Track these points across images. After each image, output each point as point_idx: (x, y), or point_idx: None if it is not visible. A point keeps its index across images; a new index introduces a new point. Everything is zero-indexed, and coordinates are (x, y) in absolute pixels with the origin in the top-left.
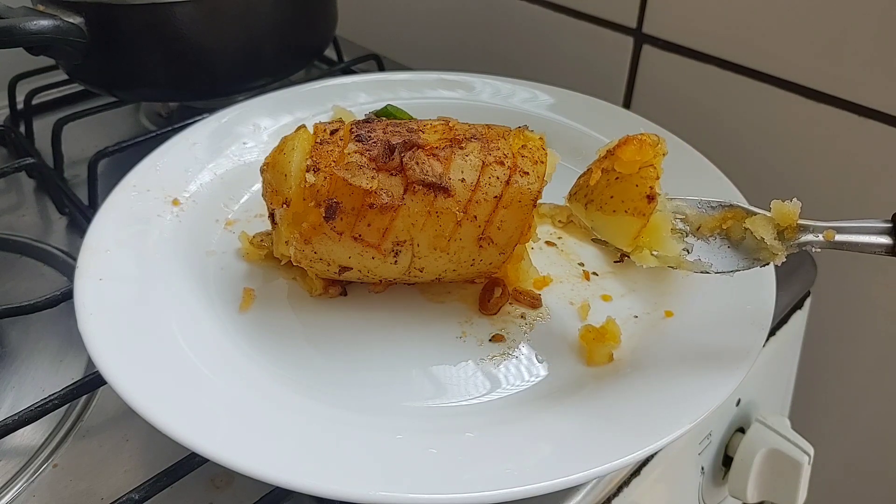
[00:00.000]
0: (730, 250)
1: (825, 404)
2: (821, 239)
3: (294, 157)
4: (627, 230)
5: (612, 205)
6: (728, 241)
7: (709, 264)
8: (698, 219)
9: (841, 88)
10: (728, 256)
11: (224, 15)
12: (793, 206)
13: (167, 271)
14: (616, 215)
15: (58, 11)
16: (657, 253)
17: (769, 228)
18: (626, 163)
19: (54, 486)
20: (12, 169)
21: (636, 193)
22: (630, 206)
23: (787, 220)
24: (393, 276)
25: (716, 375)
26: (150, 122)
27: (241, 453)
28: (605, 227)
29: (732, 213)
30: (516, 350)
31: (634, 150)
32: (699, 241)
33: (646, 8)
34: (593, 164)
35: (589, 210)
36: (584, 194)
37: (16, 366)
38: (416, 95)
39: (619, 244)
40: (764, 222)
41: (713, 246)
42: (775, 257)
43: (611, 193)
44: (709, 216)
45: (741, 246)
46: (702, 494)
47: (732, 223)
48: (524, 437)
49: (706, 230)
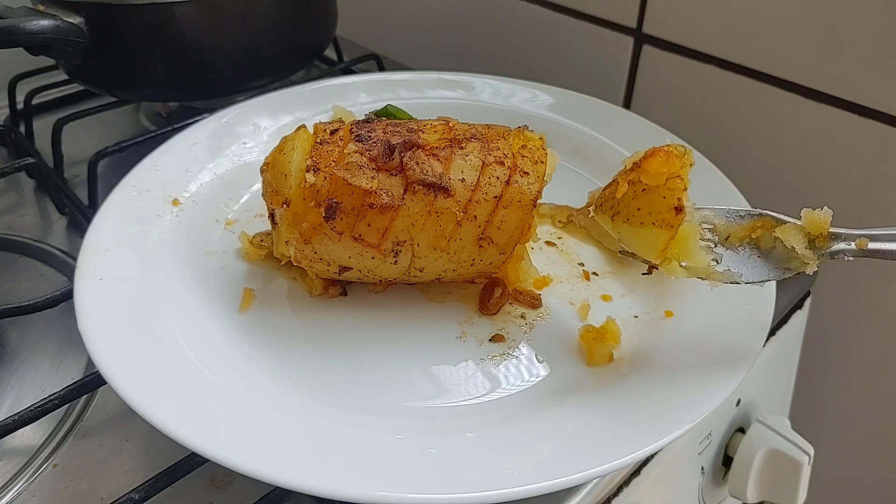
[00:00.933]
0: (759, 260)
1: (825, 404)
2: (853, 247)
3: (294, 157)
4: (655, 242)
5: (639, 217)
6: (758, 251)
7: (738, 274)
8: (727, 229)
9: (841, 88)
10: (758, 266)
11: (224, 15)
12: (824, 214)
13: (167, 271)
14: (644, 227)
15: (58, 11)
16: (686, 264)
17: (800, 237)
18: (652, 175)
19: (54, 486)
20: (12, 169)
21: (664, 205)
22: (658, 218)
23: (819, 229)
24: (393, 276)
25: (716, 375)
26: (150, 122)
27: (241, 453)
28: (632, 240)
29: (762, 223)
30: (516, 350)
31: (661, 161)
32: (728, 251)
33: (646, 8)
34: (619, 176)
35: (616, 222)
36: (610, 206)
37: (16, 366)
38: (416, 95)
39: (647, 256)
40: (794, 231)
41: (742, 256)
42: (807, 266)
43: (638, 205)
44: (738, 225)
45: (771, 255)
46: (702, 494)
47: (762, 232)
48: (524, 437)
49: (735, 240)
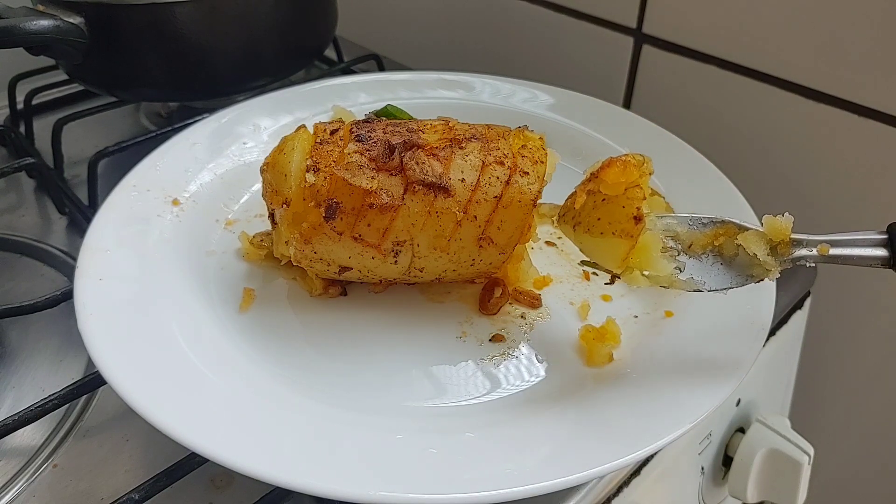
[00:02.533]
0: (723, 267)
1: (825, 404)
2: (815, 253)
3: (294, 157)
4: (616, 252)
5: (599, 227)
6: (721, 258)
7: (702, 282)
8: (689, 236)
9: (841, 88)
10: (721, 273)
11: (224, 15)
12: (785, 220)
13: (167, 271)
14: (604, 237)
15: (58, 11)
16: (648, 273)
17: (761, 244)
18: (611, 185)
19: (54, 486)
20: (12, 169)
21: (623, 215)
22: (617, 227)
23: (780, 235)
24: (393, 276)
25: (716, 375)
26: (150, 122)
27: (241, 453)
28: (593, 250)
29: (724, 230)
30: (516, 350)
31: (619, 171)
32: (691, 258)
33: (646, 8)
34: (578, 187)
35: (577, 232)
36: (571, 216)
37: (16, 366)
38: (416, 95)
39: (608, 266)
40: (756, 238)
41: (706, 263)
42: (769, 273)
43: (598, 215)
44: (700, 233)
45: (734, 262)
46: (702, 494)
47: (724, 239)
48: (524, 437)
49: (698, 247)
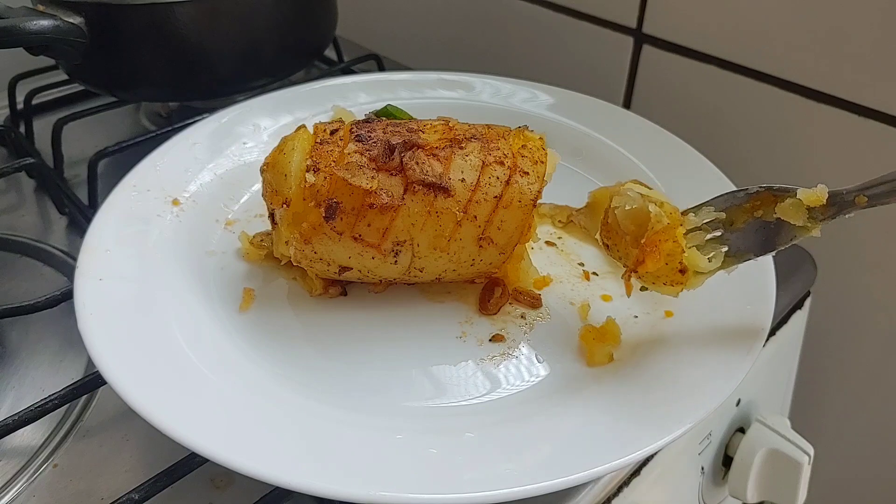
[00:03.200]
0: (765, 231)
1: (825, 404)
2: (852, 200)
3: (294, 157)
4: (671, 292)
5: (647, 279)
6: (762, 223)
7: (749, 253)
8: (730, 215)
9: (841, 88)
10: (766, 238)
11: (224, 15)
12: (819, 191)
13: (167, 271)
14: (656, 286)
15: (58, 11)
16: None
17: (800, 212)
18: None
19: (54, 486)
20: (12, 169)
21: (668, 270)
22: (667, 279)
23: (816, 202)
24: (393, 276)
25: (716, 375)
26: (150, 122)
27: (241, 453)
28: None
29: (761, 199)
30: (516, 350)
31: (655, 261)
32: (735, 233)
33: (646, 8)
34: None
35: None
36: (618, 256)
37: (16, 366)
38: (416, 95)
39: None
40: (794, 209)
41: (749, 231)
42: (812, 231)
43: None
44: (738, 208)
45: (776, 225)
46: (702, 494)
47: (764, 209)
48: (524, 437)
49: (739, 223)
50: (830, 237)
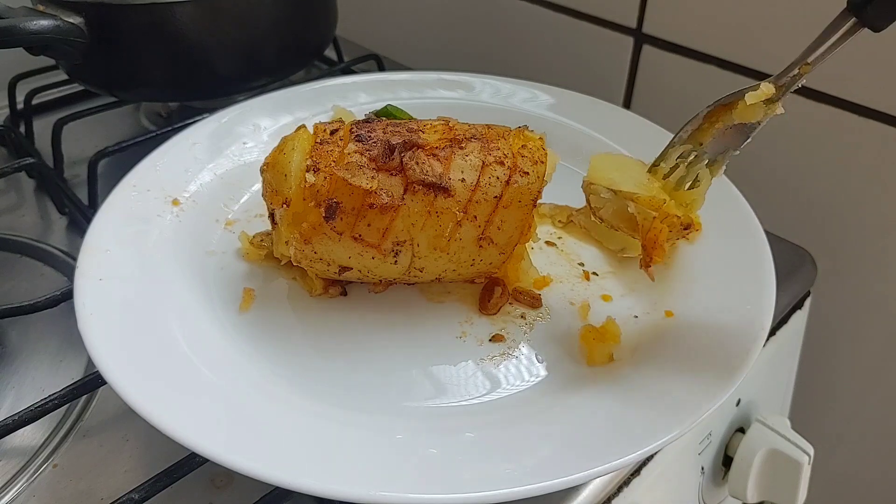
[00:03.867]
0: (732, 129)
1: (825, 404)
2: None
3: (294, 157)
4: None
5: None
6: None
7: (730, 150)
8: (696, 139)
9: (841, 88)
10: (736, 133)
11: (224, 15)
12: (765, 88)
13: (167, 271)
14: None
15: (58, 11)
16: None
17: (756, 110)
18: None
19: (54, 486)
20: (12, 169)
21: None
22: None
23: (766, 96)
24: (393, 276)
25: (716, 375)
26: (150, 122)
27: (241, 453)
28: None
29: (716, 115)
30: (516, 350)
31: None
32: (708, 146)
33: (646, 8)
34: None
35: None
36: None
37: (16, 366)
38: (416, 95)
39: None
40: (749, 110)
41: (718, 137)
42: (774, 110)
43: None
44: (699, 131)
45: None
46: (702, 494)
47: (722, 120)
48: (524, 437)
49: (707, 139)
50: (830, 237)
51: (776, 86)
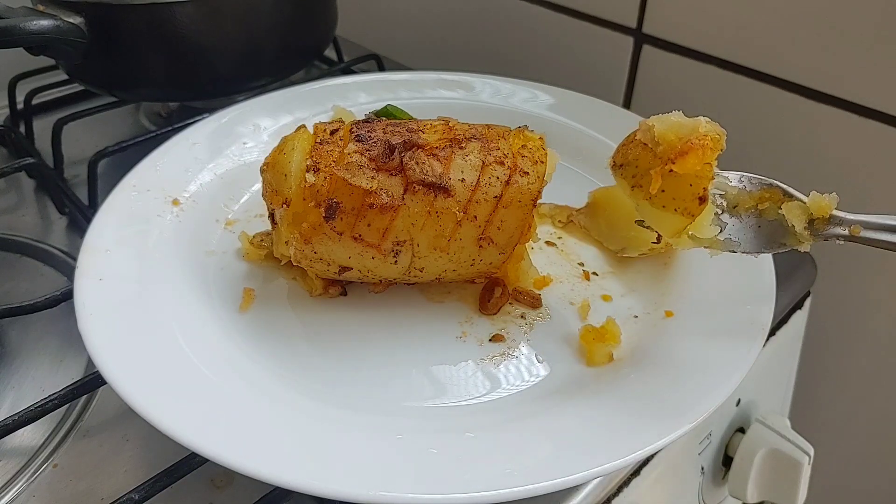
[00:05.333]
0: (759, 231)
1: (825, 404)
2: (846, 233)
3: (294, 157)
4: (674, 226)
5: (662, 199)
6: (759, 221)
7: (738, 244)
8: (736, 197)
9: (841, 88)
10: (756, 237)
11: (224, 15)
12: (830, 199)
13: (167, 271)
14: (665, 211)
15: (58, 11)
16: (693, 234)
17: (802, 217)
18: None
19: (54, 486)
20: (12, 169)
21: (689, 193)
22: (681, 205)
23: (822, 212)
24: (393, 276)
25: (716, 375)
26: (150, 122)
27: (241, 453)
28: (651, 217)
29: (770, 194)
30: (516, 350)
31: (697, 160)
32: (733, 218)
33: (646, 8)
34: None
35: (635, 193)
36: (632, 174)
37: (16, 366)
38: (416, 95)
39: (663, 233)
40: (798, 211)
41: (745, 224)
42: (801, 245)
43: (662, 187)
44: (747, 194)
45: (771, 227)
46: (702, 494)
47: (769, 205)
48: (524, 437)
49: (742, 209)
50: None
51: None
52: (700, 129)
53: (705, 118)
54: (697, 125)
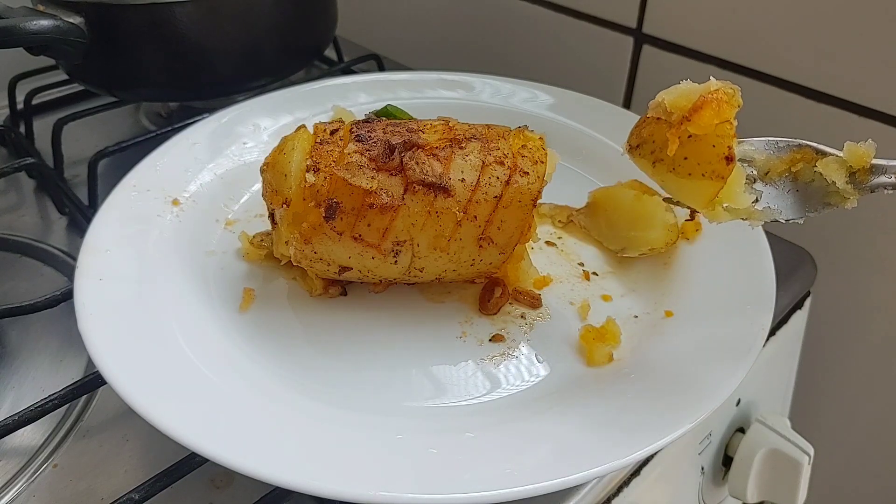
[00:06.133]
0: (799, 194)
1: (825, 404)
2: (894, 180)
3: (294, 157)
4: (705, 193)
5: (686, 167)
6: (796, 185)
7: (778, 211)
8: (766, 163)
9: (841, 88)
10: (797, 201)
11: (224, 15)
12: (867, 147)
13: (167, 271)
14: (692, 179)
15: (58, 11)
16: (728, 206)
17: (841, 172)
18: (703, 126)
19: (54, 486)
20: (12, 169)
21: (714, 155)
22: (707, 169)
23: (860, 162)
24: (393, 276)
25: (716, 375)
26: (150, 122)
27: (241, 453)
28: (678, 190)
29: (801, 154)
30: (516, 350)
31: (713, 113)
32: (767, 186)
33: (646, 8)
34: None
35: (658, 169)
36: (649, 150)
37: (16, 366)
38: (416, 95)
39: (694, 206)
40: (836, 165)
41: (781, 190)
42: (846, 201)
43: (684, 154)
44: (777, 159)
45: (810, 189)
46: (702, 494)
47: (802, 165)
48: (524, 437)
49: (774, 174)
50: (830, 237)
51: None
52: (711, 87)
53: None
54: (708, 85)
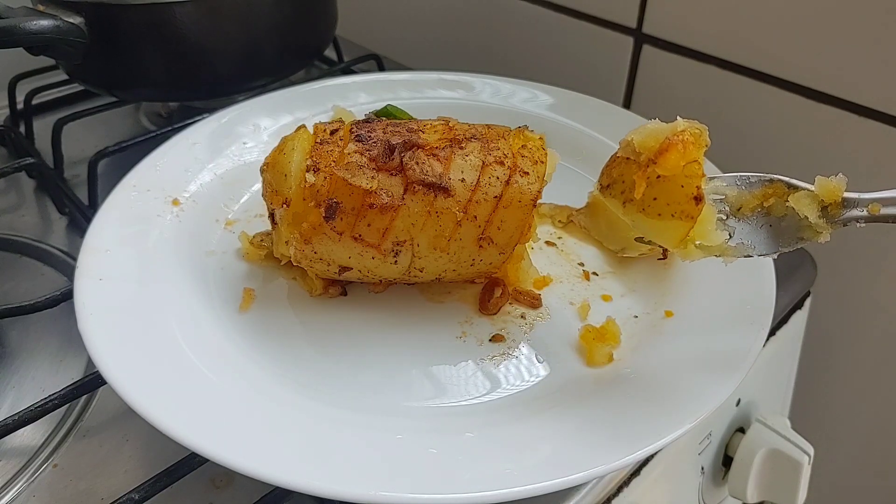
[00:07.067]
0: (772, 229)
1: (825, 404)
2: (865, 213)
3: (294, 157)
4: (675, 233)
5: (656, 207)
6: (769, 220)
7: (752, 247)
8: (738, 199)
9: (841, 88)
10: (770, 236)
11: (224, 15)
12: (838, 181)
13: (167, 271)
14: (662, 219)
15: (58, 11)
16: (700, 243)
17: (813, 206)
18: (670, 168)
19: (54, 486)
20: (12, 169)
21: (682, 195)
22: (676, 209)
23: (832, 196)
24: (393, 276)
25: (716, 375)
26: (150, 122)
27: (241, 453)
28: (649, 230)
29: (773, 189)
30: (516, 350)
31: (679, 156)
32: (741, 222)
33: (646, 8)
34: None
35: (628, 209)
36: (620, 191)
37: (16, 366)
38: (416, 95)
39: (666, 245)
40: (808, 200)
41: (754, 226)
42: (819, 235)
43: (653, 195)
44: (749, 194)
45: (783, 223)
46: (702, 494)
47: (774, 200)
48: (524, 437)
49: (747, 210)
50: (831, 237)
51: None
52: (678, 128)
53: (683, 118)
54: (675, 125)
